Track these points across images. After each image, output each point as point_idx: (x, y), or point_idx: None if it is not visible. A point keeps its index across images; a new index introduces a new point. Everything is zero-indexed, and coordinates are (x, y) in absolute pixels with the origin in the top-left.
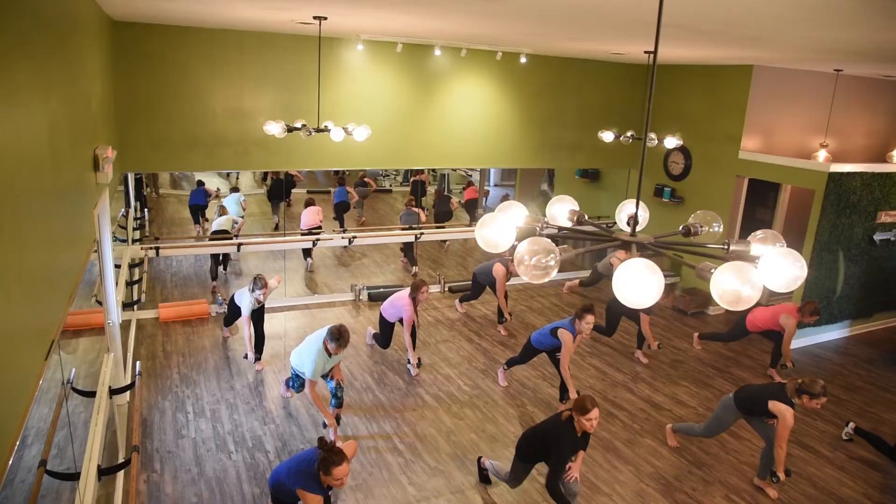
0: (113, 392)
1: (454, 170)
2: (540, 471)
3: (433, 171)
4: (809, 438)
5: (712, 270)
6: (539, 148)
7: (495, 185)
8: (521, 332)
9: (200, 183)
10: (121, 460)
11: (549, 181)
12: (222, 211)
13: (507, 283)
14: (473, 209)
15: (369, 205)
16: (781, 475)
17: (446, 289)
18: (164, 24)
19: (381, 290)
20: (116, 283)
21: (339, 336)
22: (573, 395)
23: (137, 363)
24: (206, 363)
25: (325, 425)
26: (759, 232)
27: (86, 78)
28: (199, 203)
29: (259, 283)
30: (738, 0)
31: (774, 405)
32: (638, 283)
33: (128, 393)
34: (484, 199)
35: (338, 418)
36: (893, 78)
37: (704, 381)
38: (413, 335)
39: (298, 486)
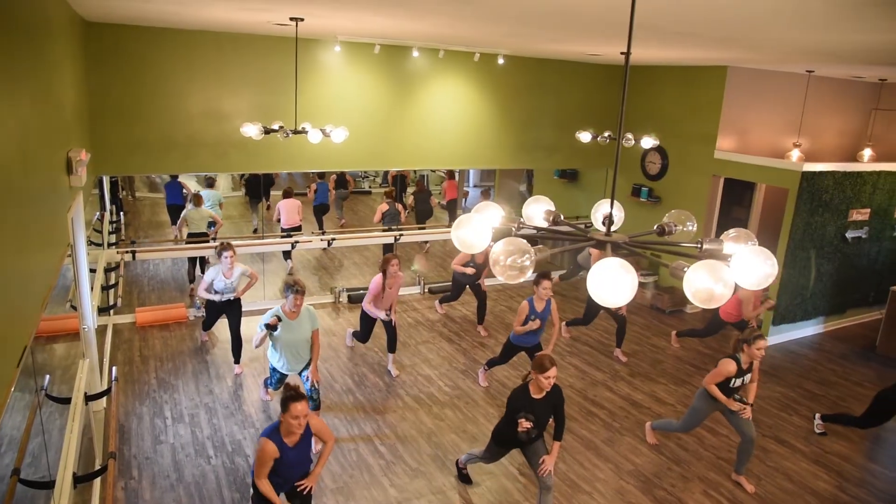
0: (89, 398)
1: (433, 171)
2: (522, 471)
3: (414, 171)
4: (785, 433)
5: (685, 269)
6: (517, 148)
7: (474, 186)
8: (502, 333)
9: (174, 176)
10: (97, 467)
11: (528, 181)
12: (197, 200)
13: (488, 283)
14: (454, 209)
15: (349, 206)
16: (734, 404)
17: (426, 290)
18: (139, 26)
19: (361, 292)
20: (92, 288)
21: (293, 283)
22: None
23: (114, 368)
24: (184, 368)
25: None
26: (731, 230)
27: (58, 79)
28: (177, 203)
29: (226, 246)
30: (711, 2)
31: (721, 360)
32: (612, 283)
33: (104, 399)
34: (463, 199)
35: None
36: (863, 79)
37: (683, 378)
38: (393, 336)
39: (262, 436)
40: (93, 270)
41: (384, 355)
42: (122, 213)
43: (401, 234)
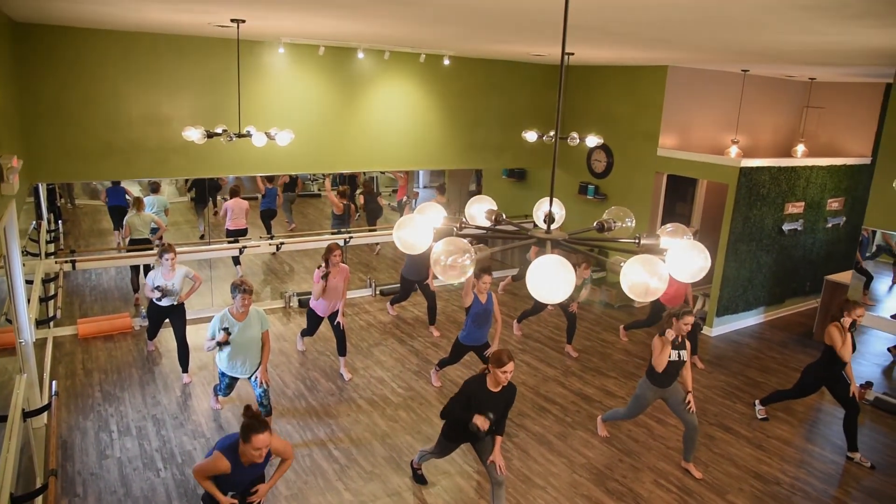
0: (27, 415)
1: (383, 172)
2: (476, 469)
3: (363, 173)
4: (730, 420)
5: (621, 264)
6: (465, 149)
7: (424, 187)
8: (453, 332)
9: (116, 181)
10: (38, 486)
11: (477, 181)
12: (138, 205)
13: (437, 285)
14: (402, 209)
15: (298, 210)
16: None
17: (377, 292)
18: (73, 27)
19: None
20: (28, 300)
21: (240, 283)
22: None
23: (53, 383)
24: (130, 379)
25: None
26: (668, 225)
27: None
28: (121, 204)
29: (167, 248)
30: (644, 4)
31: (653, 340)
32: (549, 279)
33: (45, 415)
34: (413, 201)
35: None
36: (794, 78)
37: (632, 371)
38: (342, 339)
39: (216, 448)
40: (29, 282)
41: (336, 359)
42: (60, 221)
43: (350, 237)
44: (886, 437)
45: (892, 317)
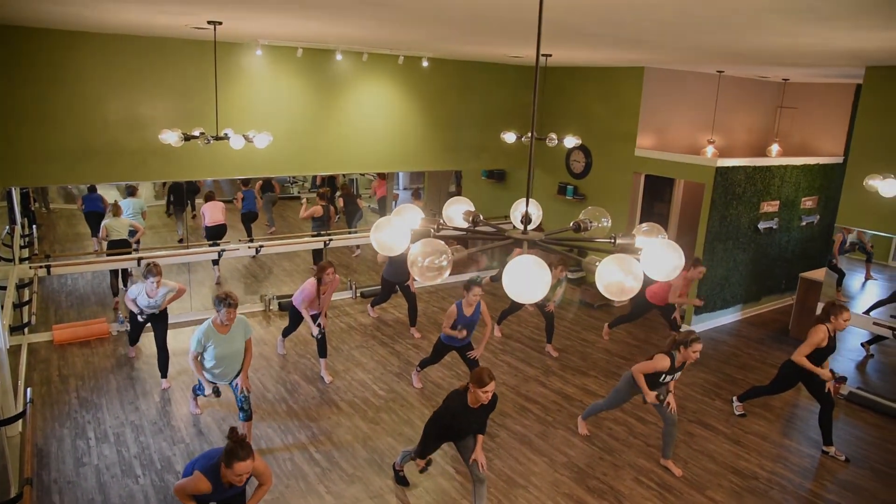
0: (1, 423)
1: (362, 174)
2: (458, 469)
3: (343, 175)
4: (708, 417)
5: (597, 263)
6: (444, 150)
7: (404, 189)
8: (434, 334)
9: (92, 188)
10: (12, 496)
11: (457, 183)
12: (116, 210)
13: (418, 286)
14: (384, 206)
15: (277, 212)
16: (651, 396)
17: (358, 294)
18: (48, 29)
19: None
20: (2, 306)
21: (224, 296)
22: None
23: (28, 390)
24: (107, 385)
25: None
26: (644, 225)
27: None
28: (97, 210)
29: (153, 270)
30: (618, 4)
31: (657, 355)
32: (525, 279)
33: (19, 423)
34: (393, 202)
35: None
36: (768, 79)
37: (612, 370)
38: (323, 342)
39: (197, 468)
40: (2, 287)
41: (317, 362)
42: (35, 225)
43: (330, 240)
44: (860, 431)
45: (864, 313)
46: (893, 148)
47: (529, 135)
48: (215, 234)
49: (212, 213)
